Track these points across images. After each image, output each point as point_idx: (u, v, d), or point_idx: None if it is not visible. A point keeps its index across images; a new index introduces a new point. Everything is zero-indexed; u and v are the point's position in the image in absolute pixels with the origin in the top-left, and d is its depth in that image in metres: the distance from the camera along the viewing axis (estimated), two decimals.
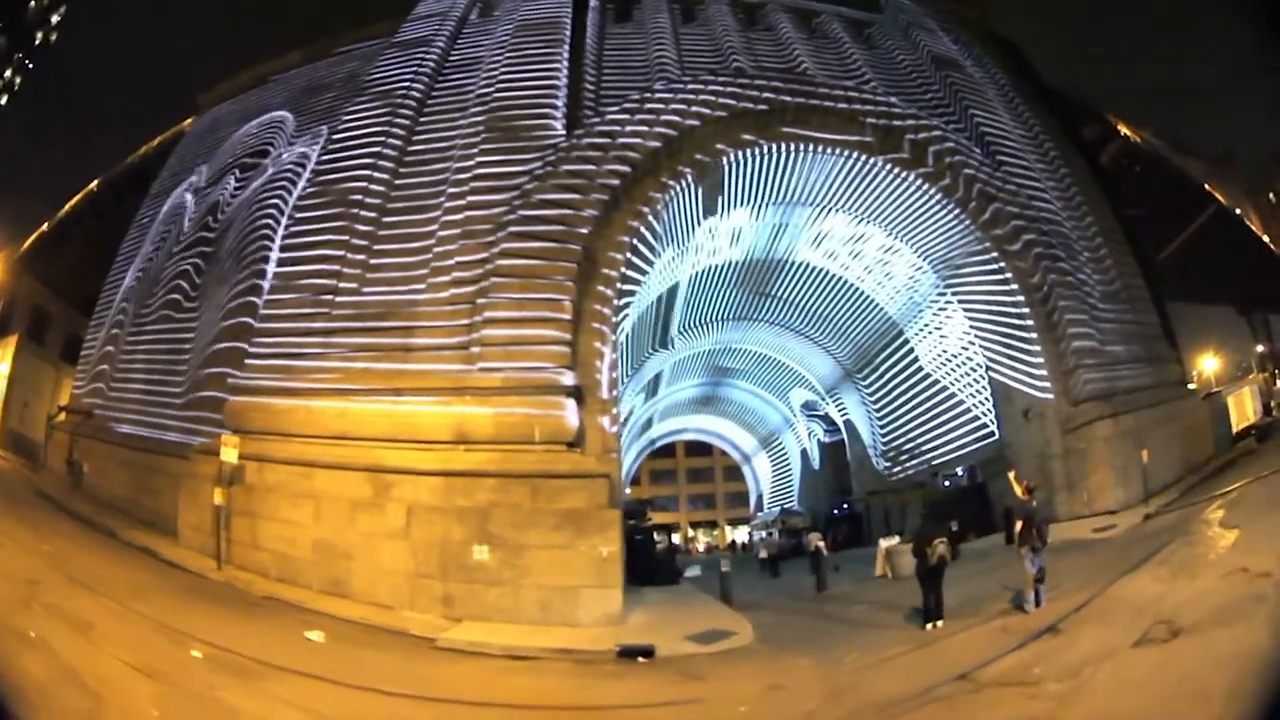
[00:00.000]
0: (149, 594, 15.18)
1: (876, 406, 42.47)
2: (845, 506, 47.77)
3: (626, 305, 27.24)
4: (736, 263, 38.22)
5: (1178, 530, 17.97)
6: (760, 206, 33.07)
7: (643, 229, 26.87)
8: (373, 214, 26.11)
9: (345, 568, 19.01)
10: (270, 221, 28.81)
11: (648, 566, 28.91)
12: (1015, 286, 29.79)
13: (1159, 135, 45.13)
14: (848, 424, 47.25)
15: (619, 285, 25.25)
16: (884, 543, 25.18)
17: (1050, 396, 28.56)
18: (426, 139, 28.53)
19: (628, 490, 75.24)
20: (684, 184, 28.33)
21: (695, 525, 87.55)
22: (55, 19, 70.59)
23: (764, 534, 35.96)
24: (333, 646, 14.50)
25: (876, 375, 41.76)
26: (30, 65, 68.84)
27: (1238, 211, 46.25)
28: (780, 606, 22.34)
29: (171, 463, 24.31)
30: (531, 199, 25.22)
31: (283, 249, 27.22)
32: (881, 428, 41.86)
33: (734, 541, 77.23)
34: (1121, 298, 32.20)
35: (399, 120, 28.99)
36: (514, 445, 20.82)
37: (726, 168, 29.54)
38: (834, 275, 38.86)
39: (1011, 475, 19.73)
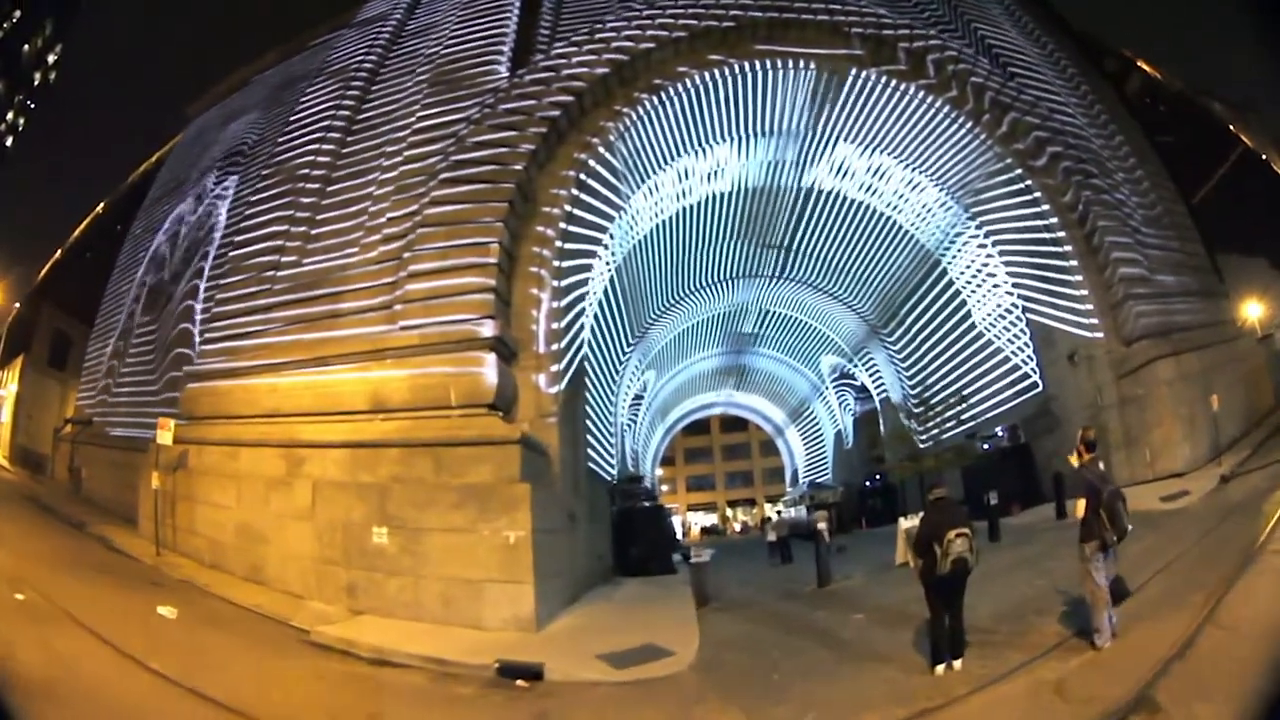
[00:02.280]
0: (63, 570, 15.06)
1: (905, 365, 37.85)
2: (878, 478, 43.19)
3: (587, 252, 23.68)
4: (734, 211, 34.43)
5: (1273, 498, 14.12)
6: (746, 140, 29.31)
7: (592, 162, 23.32)
8: (317, 185, 24.15)
9: (261, 553, 16.68)
10: (221, 208, 29.07)
11: (640, 553, 25.20)
12: (1047, 207, 25.56)
13: (1181, 76, 40.11)
14: (878, 387, 42.87)
15: (563, 225, 21.76)
16: (905, 523, 19.15)
17: (1098, 335, 24.33)
18: (375, 107, 26.32)
19: (659, 471, 73.11)
20: (644, 112, 24.76)
21: (733, 504, 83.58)
22: (52, 58, 70.35)
23: (778, 512, 31.06)
24: (174, 624, 12.82)
25: (903, 330, 37.26)
26: (33, 105, 68.93)
27: (1264, 158, 41.04)
28: (761, 610, 16.77)
29: (144, 457, 22.58)
30: (466, 143, 22.27)
31: (234, 232, 26.13)
32: (912, 388, 37.14)
33: (746, 523, 73.37)
34: (1164, 223, 27.87)
35: (350, 94, 27.16)
36: (429, 412, 17.48)
37: (694, 93, 25.75)
38: (844, 219, 34.79)
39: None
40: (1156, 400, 22.39)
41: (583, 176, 22.85)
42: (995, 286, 29.24)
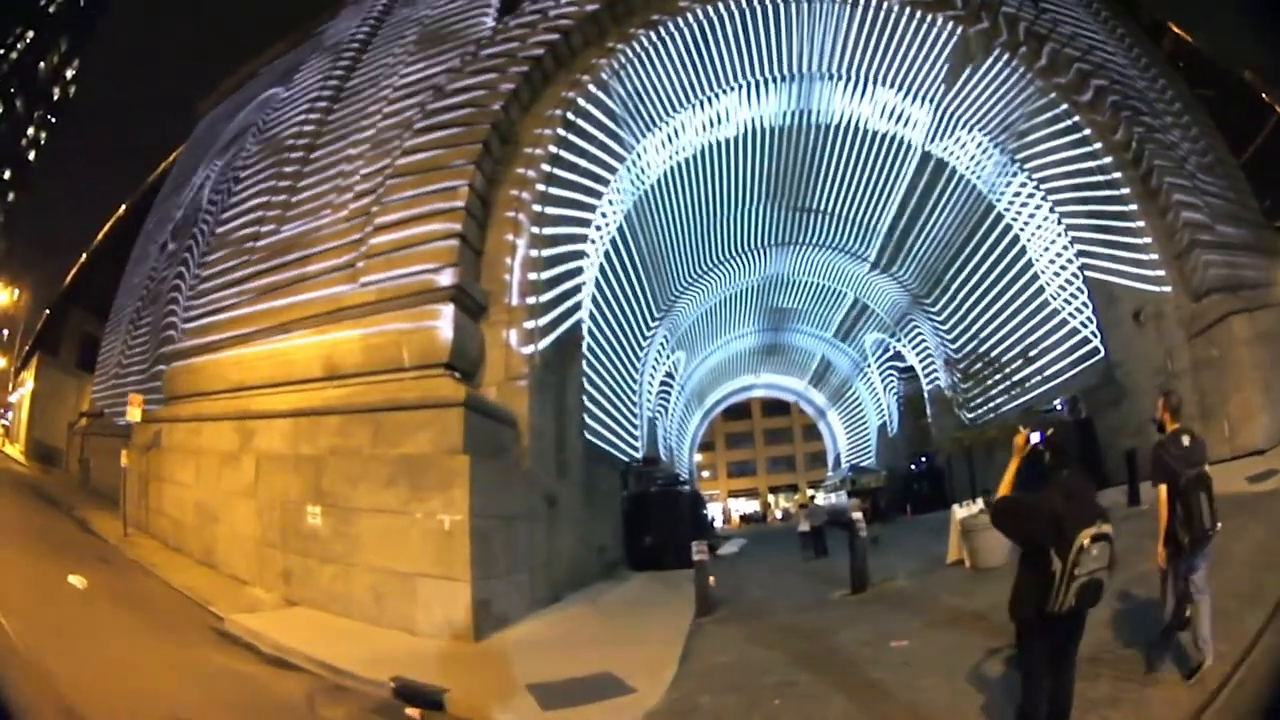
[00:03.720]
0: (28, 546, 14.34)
1: (951, 337, 34.24)
2: (924, 460, 39.49)
3: (582, 203, 21.03)
4: (758, 170, 31.39)
5: None
6: (760, 85, 26.46)
7: (581, 100, 20.65)
8: (300, 153, 22.42)
9: (213, 533, 15.00)
10: (213, 189, 29.11)
11: (655, 544, 22.29)
12: (1099, 146, 22.38)
13: (1210, 41, 36.18)
14: (924, 362, 39.33)
15: (547, 168, 19.11)
16: (959, 511, 15.44)
17: (1166, 289, 21.00)
18: (362, 74, 24.48)
19: (698, 457, 70.29)
20: (642, 50, 22.14)
21: (775, 489, 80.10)
22: (70, 73, 71.00)
23: (811, 498, 27.57)
24: (77, 600, 11.15)
25: (948, 298, 33.60)
26: (54, 120, 69.76)
27: None
28: (775, 623, 12.34)
29: None
30: (445, 90, 20.28)
31: (221, 209, 25.29)
32: (959, 362, 33.64)
33: (787, 509, 68.89)
34: (1218, 172, 24.46)
35: (340, 65, 25.42)
36: (383, 375, 14.96)
37: (699, 30, 23.08)
38: (877, 176, 31.47)
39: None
40: (1235, 363, 19.06)
41: (570, 115, 20.17)
42: (1048, 241, 25.77)
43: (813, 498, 27.87)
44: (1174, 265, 20.95)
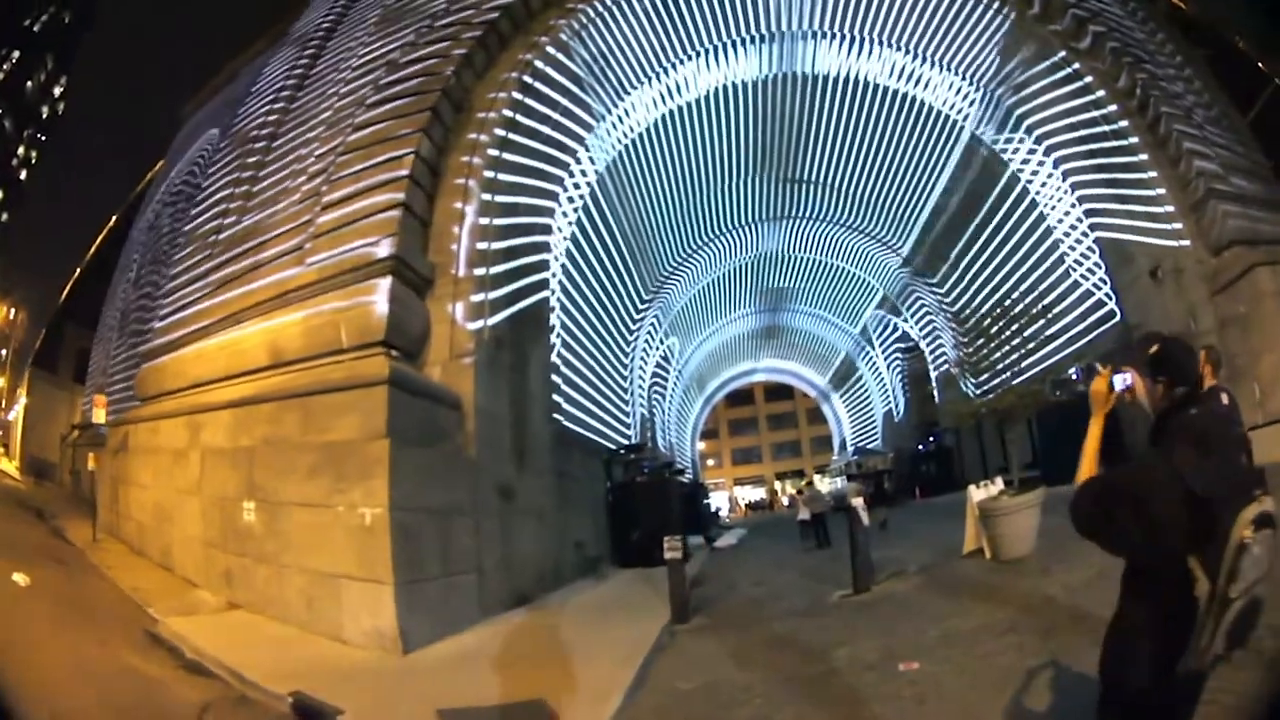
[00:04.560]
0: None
1: (954, 309, 32.48)
2: (932, 440, 37.78)
3: (544, 172, 19.73)
4: (743, 138, 29.89)
5: None
6: (742, 43, 25.06)
7: (539, 62, 19.32)
8: (263, 144, 21.51)
9: (168, 534, 14.21)
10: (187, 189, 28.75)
11: (642, 539, 20.41)
12: (1102, 93, 21.01)
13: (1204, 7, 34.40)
14: (927, 338, 37.63)
15: (501, 132, 17.67)
16: (976, 492, 13.18)
17: (1184, 243, 19.48)
18: (326, 61, 23.42)
19: (701, 445, 68.50)
20: (606, 8, 20.85)
21: (781, 476, 77.85)
22: (58, 90, 70.62)
23: (808, 484, 25.60)
24: (21, 592, 10.90)
25: (949, 267, 31.95)
26: (42, 138, 69.16)
27: None
28: (761, 634, 10.32)
29: None
30: (398, 64, 19.14)
31: (190, 205, 24.88)
32: (963, 334, 31.80)
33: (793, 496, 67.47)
34: (1225, 125, 22.98)
35: (305, 54, 24.53)
36: (324, 359, 13.61)
37: None
38: (872, 139, 29.81)
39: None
40: (1262, 319, 17.41)
41: (526, 79, 18.77)
42: (1053, 199, 24.16)
43: (809, 483, 25.92)
44: (1190, 218, 19.47)
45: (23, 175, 66.63)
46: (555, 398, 19.39)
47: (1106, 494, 2.77)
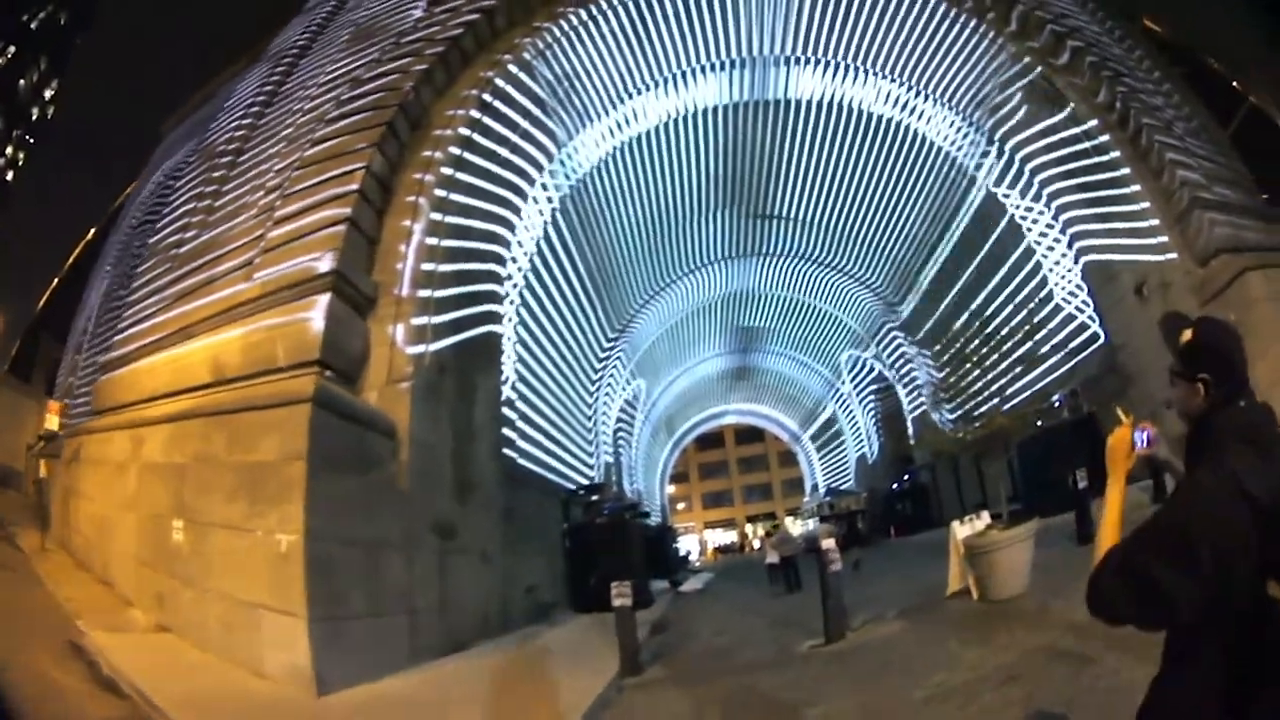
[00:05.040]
0: None
1: (929, 344, 31.85)
2: (906, 478, 37.07)
3: (499, 197, 18.96)
4: (711, 171, 29.40)
5: None
6: (712, 69, 24.75)
7: (500, 80, 18.82)
8: (228, 159, 20.98)
9: (108, 548, 13.35)
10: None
11: (600, 583, 19.24)
12: (1083, 108, 20.55)
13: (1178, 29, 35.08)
14: (902, 376, 36.97)
15: (456, 150, 17.08)
16: (960, 528, 12.22)
17: (1170, 256, 19.00)
18: (297, 78, 22.99)
19: (670, 489, 67.47)
20: (571, 28, 20.50)
21: (753, 519, 77.19)
22: (49, 93, 69.44)
23: (775, 527, 24.66)
24: None
25: (921, 298, 31.48)
26: (31, 140, 67.74)
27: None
28: (717, 692, 9.22)
29: None
30: (361, 79, 18.75)
31: (156, 218, 24.50)
32: (937, 368, 31.23)
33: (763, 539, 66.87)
34: (1205, 138, 22.63)
35: (277, 71, 24.20)
36: (261, 377, 12.75)
37: (636, 9, 21.53)
38: (844, 172, 29.39)
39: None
40: (1256, 324, 16.54)
41: (486, 97, 18.24)
42: (1034, 220, 23.82)
43: (776, 527, 24.98)
44: (1175, 229, 18.94)
45: (9, 176, 65.15)
46: (507, 432, 18.44)
47: (1139, 551, 2.01)
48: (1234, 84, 34.21)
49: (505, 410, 18.58)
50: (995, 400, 24.48)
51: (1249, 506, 1.84)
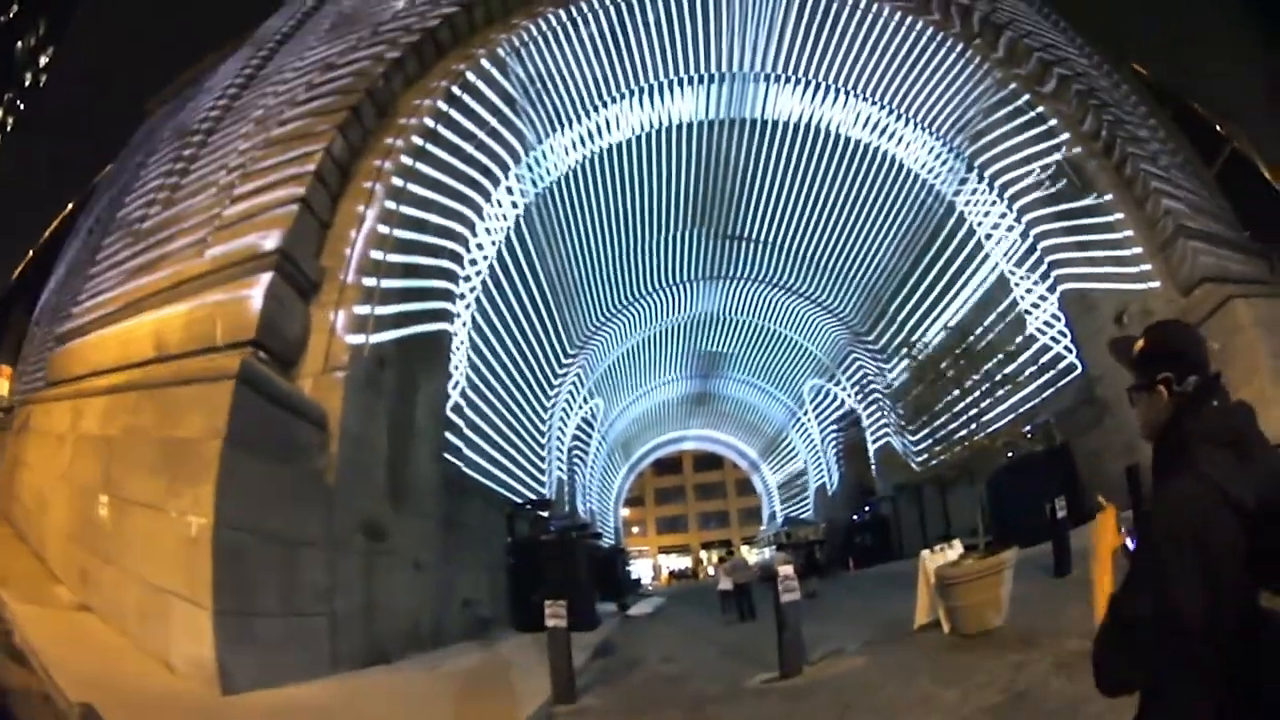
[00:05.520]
0: None
1: (894, 373, 31.44)
2: (868, 510, 36.59)
3: (459, 193, 18.44)
4: (679, 187, 28.99)
5: None
6: (688, 81, 24.52)
7: (470, 74, 18.53)
8: (200, 138, 20.55)
9: (43, 521, 12.85)
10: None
11: (540, 602, 18.43)
12: (1066, 136, 20.55)
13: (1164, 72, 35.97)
14: (867, 404, 36.55)
15: (419, 140, 16.81)
16: (930, 557, 11.52)
17: (1152, 285, 18.92)
18: (276, 63, 22.68)
19: (625, 512, 66.90)
20: (550, 29, 20.35)
21: (708, 545, 75.63)
22: (44, 60, 67.23)
23: (729, 553, 23.96)
24: None
25: (893, 330, 30.81)
26: (22, 107, 65.56)
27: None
28: None
29: None
30: (335, 65, 18.46)
31: (124, 194, 23.99)
32: (900, 399, 30.84)
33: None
34: (1189, 171, 22.89)
35: (258, 56, 23.82)
36: (199, 355, 12.31)
37: (615, 13, 21.43)
38: (816, 195, 29.06)
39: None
40: (1240, 351, 16.42)
41: (454, 89, 17.94)
42: (1012, 249, 23.53)
43: (730, 553, 24.20)
44: (1159, 257, 18.95)
45: None
46: (451, 438, 17.69)
47: (1125, 591, 1.85)
48: (1218, 128, 34.25)
49: (451, 415, 17.91)
50: (964, 431, 24.06)
51: (1231, 512, 1.72)
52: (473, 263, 19.66)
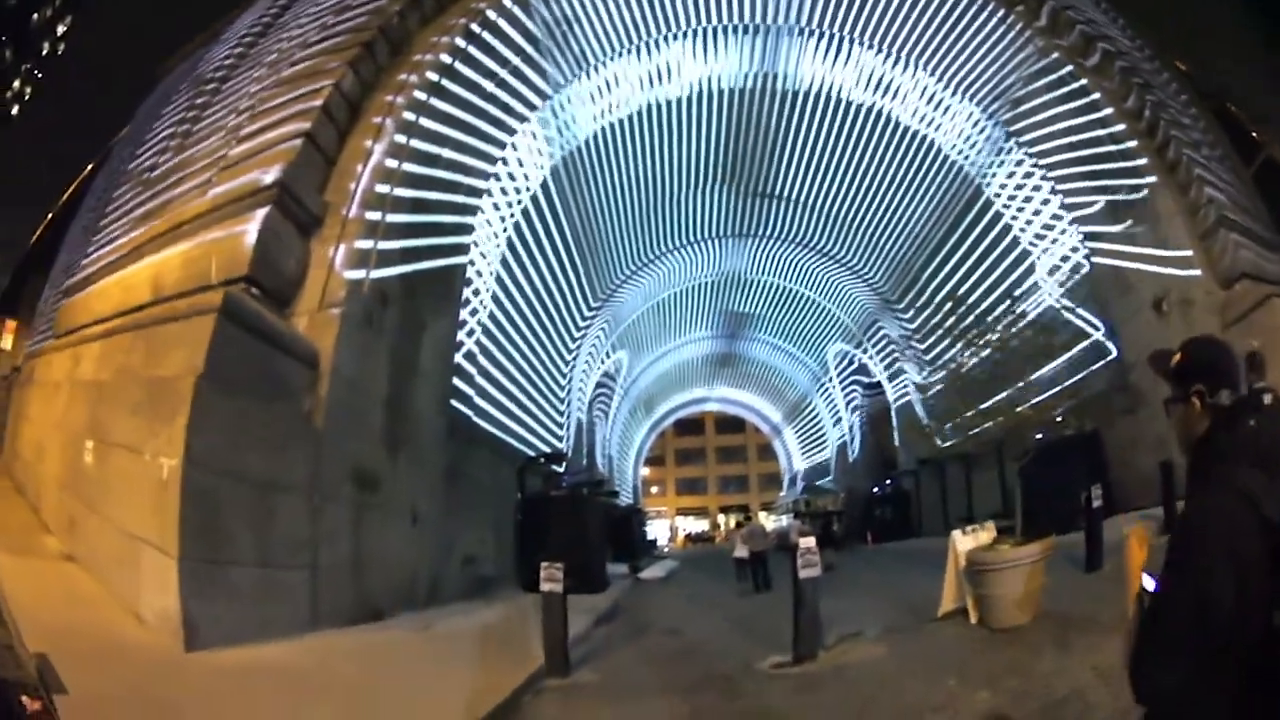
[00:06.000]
0: None
1: (924, 345, 30.58)
2: (889, 483, 35.76)
3: (481, 131, 17.98)
4: (711, 143, 28.10)
5: None
6: (720, 32, 23.70)
7: (492, 12, 17.83)
8: (213, 85, 20.11)
9: (40, 471, 12.96)
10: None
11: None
12: (1109, 111, 19.55)
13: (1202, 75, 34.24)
14: (892, 376, 35.76)
15: (433, 76, 16.20)
16: (962, 538, 10.45)
17: (1192, 273, 18.01)
18: (295, 11, 21.53)
19: (645, 471, 67.12)
20: None
21: (726, 509, 75.38)
22: (61, 29, 67.57)
23: (746, 518, 23.45)
24: None
25: (924, 300, 29.85)
26: (39, 75, 66.15)
27: None
28: (656, 710, 7.79)
29: None
30: (349, 4, 17.89)
31: (135, 145, 23.48)
32: (931, 372, 29.90)
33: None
34: (1229, 165, 22.01)
35: (276, 5, 22.81)
36: (195, 295, 11.49)
37: None
38: (849, 155, 28.05)
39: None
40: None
41: (474, 26, 17.26)
42: (1045, 225, 22.49)
43: (747, 518, 23.61)
44: (1200, 246, 18.04)
45: (14, 111, 63.42)
46: (460, 384, 17.13)
47: (1158, 597, 1.86)
48: (1253, 134, 33.34)
49: (464, 361, 17.41)
50: (993, 406, 23.27)
51: (1261, 526, 1.73)
52: (495, 207, 19.12)
